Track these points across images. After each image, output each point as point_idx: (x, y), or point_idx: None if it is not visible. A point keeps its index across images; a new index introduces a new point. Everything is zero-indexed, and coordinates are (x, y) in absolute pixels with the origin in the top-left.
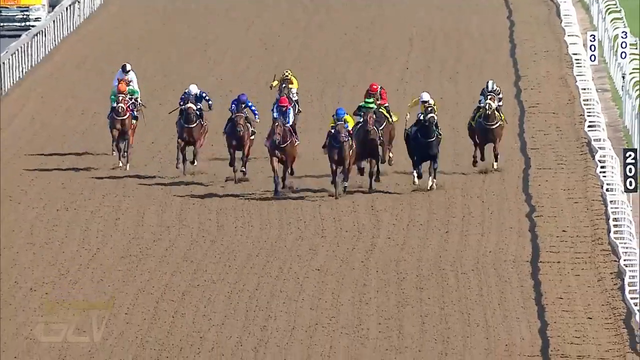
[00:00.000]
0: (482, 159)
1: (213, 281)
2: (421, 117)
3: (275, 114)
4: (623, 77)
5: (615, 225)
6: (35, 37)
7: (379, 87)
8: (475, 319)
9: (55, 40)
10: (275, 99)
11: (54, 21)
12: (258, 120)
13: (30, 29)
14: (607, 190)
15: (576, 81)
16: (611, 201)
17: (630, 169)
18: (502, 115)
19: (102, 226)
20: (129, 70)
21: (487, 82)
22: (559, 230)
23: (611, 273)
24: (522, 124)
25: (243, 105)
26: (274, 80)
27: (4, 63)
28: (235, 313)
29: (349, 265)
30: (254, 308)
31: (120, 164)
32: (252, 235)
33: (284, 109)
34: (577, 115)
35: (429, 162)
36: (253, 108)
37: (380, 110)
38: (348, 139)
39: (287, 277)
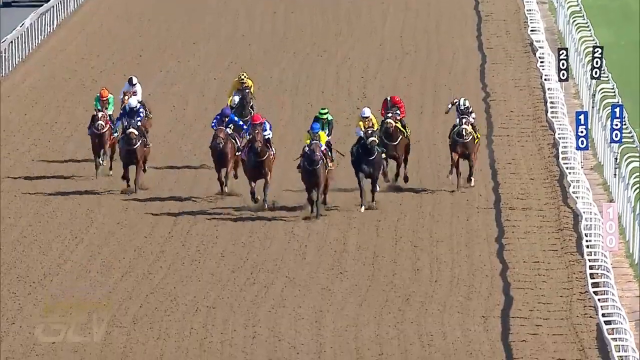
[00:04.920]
0: (458, 173)
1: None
2: (362, 135)
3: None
4: None
5: (551, 107)
6: None
7: (400, 100)
8: (444, 180)
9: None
10: (230, 106)
11: None
12: (247, 136)
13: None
14: (545, 79)
15: None
16: (548, 88)
17: (562, 63)
18: (477, 134)
19: None
20: (135, 83)
21: (460, 99)
22: (508, 111)
23: (548, 144)
24: (480, 29)
25: (226, 119)
26: (231, 93)
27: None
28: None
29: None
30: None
31: (98, 171)
32: None
33: (258, 125)
34: (522, 22)
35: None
36: (241, 123)
37: (392, 123)
38: (323, 160)
39: (293, 170)
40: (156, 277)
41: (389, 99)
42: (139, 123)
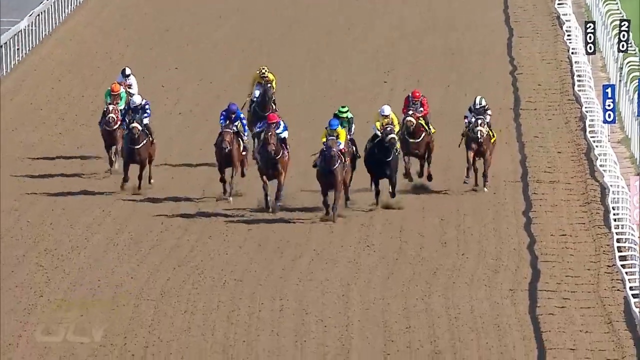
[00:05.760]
0: (475, 170)
1: None
2: (379, 133)
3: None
4: None
5: (578, 80)
6: None
7: (421, 95)
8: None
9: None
10: (251, 100)
11: None
12: (247, 135)
13: None
14: (572, 53)
15: None
16: (575, 62)
17: (590, 36)
18: (492, 132)
19: None
20: (129, 75)
21: (475, 98)
22: (535, 84)
23: (575, 117)
24: (507, 2)
25: (233, 116)
26: (253, 82)
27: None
28: None
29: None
30: None
31: (113, 168)
32: None
33: (273, 125)
34: None
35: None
36: (244, 122)
37: (413, 121)
38: (341, 159)
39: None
40: (183, 251)
41: (410, 95)
42: (146, 120)
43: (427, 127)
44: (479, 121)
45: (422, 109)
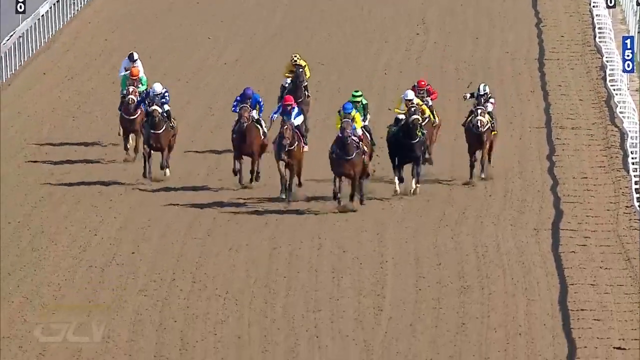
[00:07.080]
0: (473, 163)
1: None
2: (403, 117)
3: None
4: None
5: (599, 32)
6: None
7: (427, 83)
8: (497, 100)
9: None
10: (282, 85)
11: None
12: (262, 119)
13: None
14: (593, 6)
15: None
16: (596, 14)
17: None
18: (493, 124)
19: None
20: (136, 59)
21: (479, 85)
22: (559, 35)
23: (596, 67)
24: None
25: (249, 101)
26: (287, 71)
27: None
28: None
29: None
30: None
31: (129, 156)
32: None
33: (289, 108)
34: None
35: (411, 165)
36: (262, 104)
37: (422, 107)
38: (359, 147)
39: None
40: (227, 194)
41: (415, 84)
42: (166, 107)
43: (432, 116)
44: (479, 111)
45: (428, 97)
